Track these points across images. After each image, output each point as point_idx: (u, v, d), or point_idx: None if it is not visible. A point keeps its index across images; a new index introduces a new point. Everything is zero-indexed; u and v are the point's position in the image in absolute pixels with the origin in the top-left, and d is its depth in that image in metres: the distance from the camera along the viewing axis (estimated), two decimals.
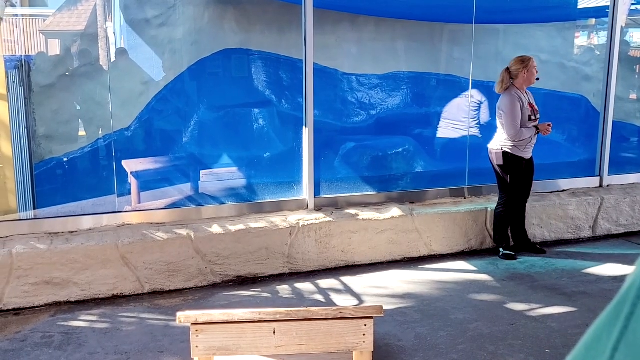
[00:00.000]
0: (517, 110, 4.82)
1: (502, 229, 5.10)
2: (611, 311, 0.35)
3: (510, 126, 4.82)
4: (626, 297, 0.35)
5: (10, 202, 4.54)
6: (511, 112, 4.81)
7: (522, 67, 4.83)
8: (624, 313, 0.34)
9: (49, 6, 5.41)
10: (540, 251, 5.20)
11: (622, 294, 0.36)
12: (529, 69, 4.83)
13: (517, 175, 4.95)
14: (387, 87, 6.06)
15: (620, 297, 0.35)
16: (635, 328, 0.32)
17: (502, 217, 5.06)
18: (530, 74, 4.84)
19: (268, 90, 5.65)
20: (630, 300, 0.34)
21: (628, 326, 0.33)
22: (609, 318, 0.35)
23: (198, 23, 5.44)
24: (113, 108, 5.03)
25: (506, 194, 5.01)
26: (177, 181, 5.26)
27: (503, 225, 5.09)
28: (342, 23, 5.89)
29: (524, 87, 4.92)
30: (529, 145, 4.94)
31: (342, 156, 5.77)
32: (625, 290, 0.36)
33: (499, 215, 5.07)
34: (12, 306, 4.06)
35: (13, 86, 4.59)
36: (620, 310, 0.34)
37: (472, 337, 3.67)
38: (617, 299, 0.36)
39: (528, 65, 4.83)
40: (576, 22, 6.65)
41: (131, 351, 3.49)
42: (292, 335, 2.71)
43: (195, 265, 4.44)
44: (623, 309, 0.34)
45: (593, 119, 6.16)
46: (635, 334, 0.32)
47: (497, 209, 5.09)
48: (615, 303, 0.35)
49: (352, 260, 4.89)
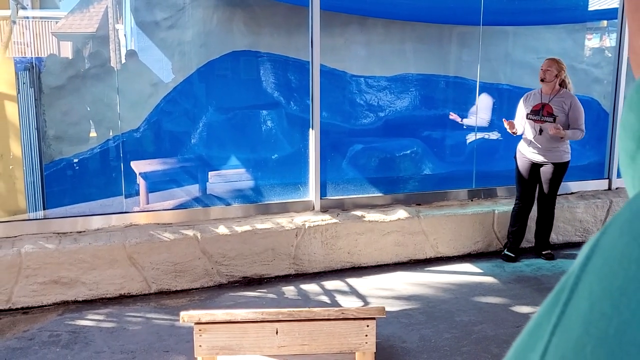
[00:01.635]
0: (518, 108, 5.05)
1: (509, 227, 5.11)
2: (552, 299, 0.37)
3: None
4: (565, 284, 0.36)
5: (20, 202, 4.60)
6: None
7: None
8: (562, 299, 0.35)
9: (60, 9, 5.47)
10: (547, 257, 5.18)
11: (562, 282, 0.37)
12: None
13: (520, 173, 4.99)
14: (395, 89, 6.06)
15: (561, 285, 0.37)
16: (570, 314, 0.34)
17: (511, 215, 5.09)
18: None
19: (276, 92, 5.68)
20: (568, 287, 0.35)
21: (565, 312, 0.34)
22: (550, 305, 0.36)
23: (207, 25, 5.48)
24: (122, 109, 5.08)
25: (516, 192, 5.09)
26: (185, 182, 5.30)
27: (510, 223, 5.10)
28: (350, 25, 5.90)
29: (544, 89, 4.91)
30: (530, 147, 4.93)
31: (349, 158, 5.78)
32: (565, 278, 0.37)
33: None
34: (21, 305, 4.11)
35: (23, 87, 4.65)
36: (559, 298, 0.35)
37: (477, 339, 3.66)
38: (557, 287, 0.37)
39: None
40: (586, 24, 6.62)
41: (137, 350, 3.52)
42: (295, 335, 2.73)
43: (201, 265, 4.47)
44: (562, 297, 0.35)
45: (603, 121, 6.12)
46: (570, 319, 0.33)
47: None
48: (555, 291, 0.37)
49: (358, 262, 4.89)
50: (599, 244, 0.36)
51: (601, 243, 0.36)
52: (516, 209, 5.05)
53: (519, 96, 5.18)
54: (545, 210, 5.05)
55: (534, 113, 4.88)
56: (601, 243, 0.36)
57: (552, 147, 4.86)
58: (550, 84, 4.84)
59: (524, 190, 5.00)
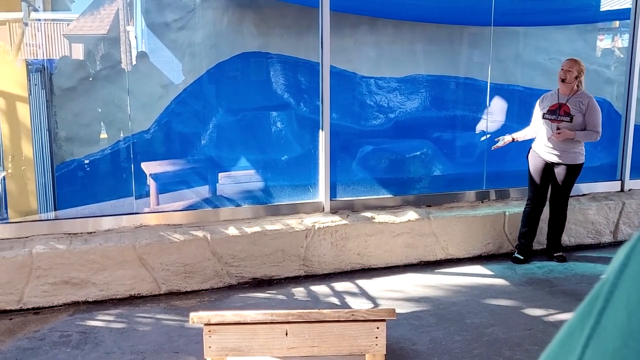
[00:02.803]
0: (535, 109, 4.99)
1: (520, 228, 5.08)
2: (584, 307, 0.35)
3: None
4: (599, 293, 0.34)
5: (31, 203, 4.62)
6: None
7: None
8: (596, 309, 0.33)
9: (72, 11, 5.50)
10: (559, 259, 5.13)
11: (596, 290, 0.35)
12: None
13: (532, 173, 4.97)
14: (405, 90, 6.04)
15: (594, 293, 0.35)
16: (606, 324, 0.32)
17: (522, 216, 5.06)
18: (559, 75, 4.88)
19: (286, 93, 5.68)
20: (602, 296, 0.34)
21: (600, 322, 0.33)
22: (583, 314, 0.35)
23: (217, 27, 5.49)
24: (133, 111, 5.10)
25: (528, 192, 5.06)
26: (195, 183, 5.31)
27: (521, 224, 5.07)
28: (360, 26, 5.89)
29: (562, 89, 4.87)
30: (545, 146, 4.88)
31: (359, 159, 5.76)
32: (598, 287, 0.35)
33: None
34: (32, 305, 4.12)
35: (35, 89, 4.68)
36: (593, 307, 0.34)
37: (488, 342, 3.64)
38: (590, 296, 0.35)
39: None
40: (598, 24, 6.56)
41: (147, 351, 3.53)
42: (304, 337, 2.72)
43: (211, 266, 4.47)
44: (596, 305, 0.34)
45: (615, 122, 6.07)
46: (606, 330, 0.32)
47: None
48: (588, 299, 0.35)
49: (367, 264, 4.88)
50: (635, 250, 0.34)
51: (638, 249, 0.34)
52: (528, 210, 5.02)
53: (530, 97, 5.16)
54: (558, 211, 5.00)
55: (550, 113, 4.85)
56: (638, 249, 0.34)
57: (566, 148, 4.82)
58: (570, 85, 4.80)
59: (536, 191, 4.96)
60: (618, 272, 0.34)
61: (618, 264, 0.34)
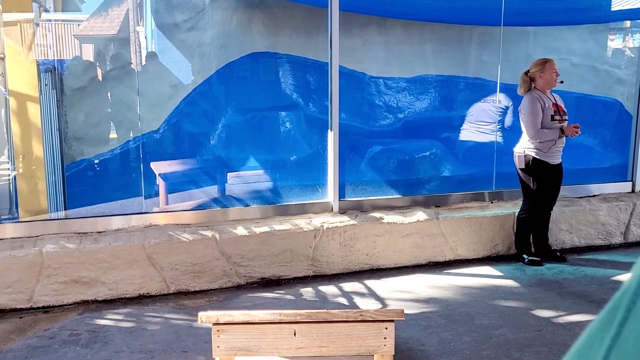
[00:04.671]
0: (536, 109, 4.77)
1: (525, 235, 5.02)
2: (604, 317, 0.34)
3: (530, 125, 4.76)
4: (620, 302, 0.33)
5: (42, 202, 4.65)
6: (530, 111, 4.77)
7: (539, 70, 4.79)
8: (617, 319, 0.32)
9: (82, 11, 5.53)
10: (561, 259, 5.07)
11: (617, 299, 0.34)
12: (544, 71, 4.77)
13: (541, 181, 4.86)
14: (414, 91, 6.03)
15: (614, 302, 0.34)
16: (627, 336, 0.31)
17: (525, 223, 4.98)
18: (549, 76, 4.78)
19: (295, 93, 5.68)
20: (624, 306, 0.32)
21: (621, 333, 0.31)
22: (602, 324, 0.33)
23: (226, 27, 5.50)
24: (142, 111, 5.12)
25: (529, 199, 4.93)
26: (204, 183, 5.32)
27: (526, 231, 5.01)
28: (369, 26, 5.88)
29: (547, 90, 4.85)
30: (555, 149, 4.83)
31: (368, 159, 5.75)
32: (619, 295, 0.34)
33: (521, 221, 4.98)
34: (42, 304, 4.15)
35: (45, 89, 4.71)
36: (614, 316, 0.33)
37: (497, 343, 3.62)
38: (610, 304, 0.34)
39: (544, 68, 4.78)
40: (609, 24, 6.52)
41: (156, 350, 3.54)
42: (313, 337, 2.71)
43: (220, 266, 4.48)
44: (616, 315, 0.32)
45: (626, 123, 6.03)
46: (627, 342, 0.31)
47: (520, 214, 5.01)
48: (608, 308, 0.34)
49: (376, 264, 4.87)
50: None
51: None
52: (535, 213, 4.95)
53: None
54: (549, 212, 5.02)
55: (556, 114, 4.83)
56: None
57: (563, 147, 4.90)
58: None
59: (544, 194, 4.91)
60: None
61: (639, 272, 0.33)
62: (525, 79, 4.87)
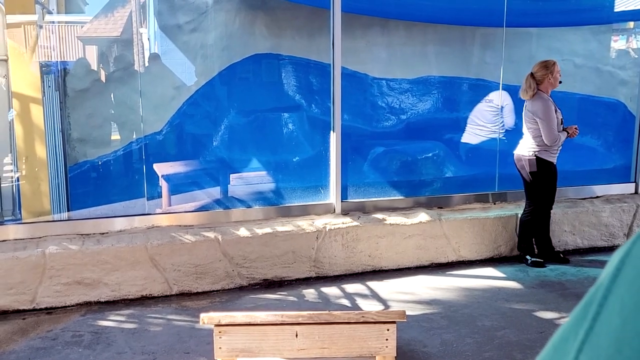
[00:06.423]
0: (552, 114, 4.73)
1: (528, 237, 5.01)
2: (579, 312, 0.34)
3: (550, 132, 4.70)
4: (593, 298, 0.34)
5: (45, 203, 4.66)
6: (548, 117, 4.70)
7: (547, 72, 4.76)
8: (590, 314, 0.33)
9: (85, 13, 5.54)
10: (563, 260, 5.06)
11: (590, 295, 0.35)
12: (553, 73, 4.76)
13: (549, 181, 4.86)
14: (417, 92, 6.03)
15: (588, 298, 0.34)
16: (599, 330, 0.32)
17: (530, 225, 4.96)
18: (555, 78, 4.77)
19: (298, 94, 5.68)
20: (597, 301, 0.33)
21: (593, 327, 0.32)
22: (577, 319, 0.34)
23: (229, 28, 5.51)
24: (145, 112, 5.13)
25: (535, 201, 4.91)
26: (207, 185, 5.33)
27: (529, 233, 5.00)
28: (372, 27, 5.89)
29: (549, 91, 4.84)
30: (558, 150, 4.85)
31: (370, 161, 5.75)
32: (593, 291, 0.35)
33: (526, 223, 4.97)
34: (45, 305, 4.16)
35: (49, 90, 4.72)
36: (587, 312, 0.33)
37: (500, 344, 3.61)
38: (585, 300, 0.35)
39: (553, 70, 4.76)
40: (612, 25, 6.51)
41: (158, 351, 3.54)
42: (315, 338, 2.71)
43: (222, 267, 4.48)
44: (590, 310, 0.33)
45: (629, 124, 6.02)
46: (600, 336, 0.31)
47: (524, 216, 4.99)
48: (583, 304, 0.35)
49: (378, 265, 4.87)
50: (630, 254, 0.33)
51: (633, 253, 0.33)
52: (540, 215, 4.95)
53: None
54: (550, 213, 5.03)
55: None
56: (633, 253, 0.33)
57: None
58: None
59: (552, 195, 4.92)
60: (612, 277, 0.33)
61: (612, 269, 0.33)
62: (532, 82, 4.80)
